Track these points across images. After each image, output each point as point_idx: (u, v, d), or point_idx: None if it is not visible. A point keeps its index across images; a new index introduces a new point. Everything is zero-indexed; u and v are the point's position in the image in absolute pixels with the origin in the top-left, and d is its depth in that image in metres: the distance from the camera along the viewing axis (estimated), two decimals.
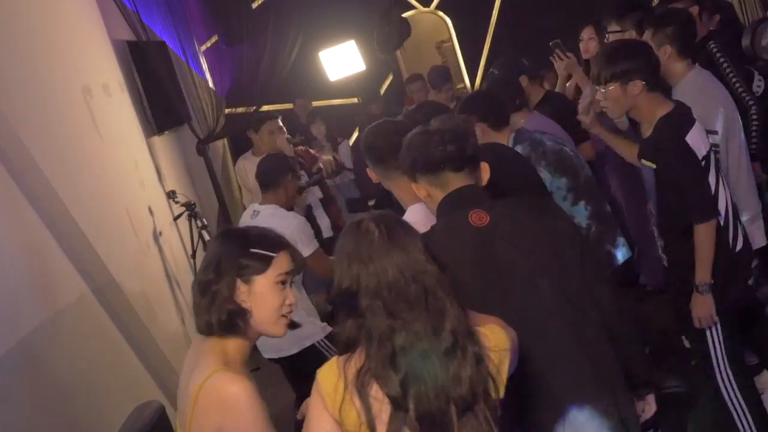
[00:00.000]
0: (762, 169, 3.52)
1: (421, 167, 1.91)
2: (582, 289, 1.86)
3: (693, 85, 2.99)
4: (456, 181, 1.89)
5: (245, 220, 3.70)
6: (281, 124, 5.39)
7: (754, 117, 3.33)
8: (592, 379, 1.82)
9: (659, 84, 2.70)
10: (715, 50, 3.41)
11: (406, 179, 2.06)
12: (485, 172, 1.95)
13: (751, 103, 3.34)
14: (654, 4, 5.25)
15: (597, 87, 2.71)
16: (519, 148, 2.93)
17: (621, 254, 3.14)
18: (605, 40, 3.60)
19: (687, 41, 3.05)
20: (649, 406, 2.07)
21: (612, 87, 2.62)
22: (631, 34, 3.59)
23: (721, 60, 3.40)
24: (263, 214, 3.58)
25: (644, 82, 2.59)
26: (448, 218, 1.89)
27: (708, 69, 3.30)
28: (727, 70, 3.38)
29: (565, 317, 1.83)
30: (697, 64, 3.19)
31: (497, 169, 2.63)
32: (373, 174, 2.43)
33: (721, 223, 2.66)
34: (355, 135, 7.23)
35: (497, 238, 1.82)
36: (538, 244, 1.83)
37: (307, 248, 3.44)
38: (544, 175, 2.94)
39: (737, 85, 3.36)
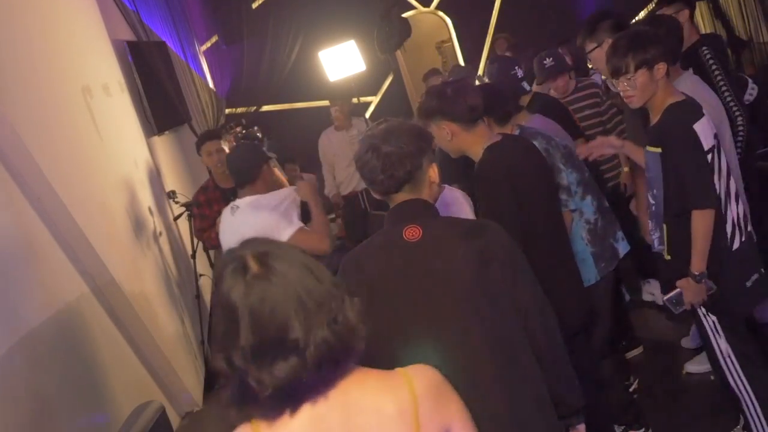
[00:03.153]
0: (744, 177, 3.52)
1: (369, 185, 2.01)
2: (509, 312, 1.89)
3: (683, 88, 3.00)
4: (400, 196, 1.98)
5: (225, 218, 3.40)
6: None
7: (740, 128, 3.34)
8: (508, 410, 1.83)
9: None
10: (708, 56, 3.42)
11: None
12: (434, 173, 2.01)
13: (737, 113, 3.35)
14: (651, 7, 5.26)
15: (619, 78, 2.71)
16: (535, 144, 2.95)
17: (622, 248, 3.18)
18: (587, 60, 3.59)
19: (675, 47, 3.09)
20: None
21: (641, 74, 2.66)
22: (608, 43, 3.59)
23: (713, 67, 3.40)
24: (242, 209, 3.27)
25: (666, 65, 2.65)
26: (388, 230, 1.97)
27: (698, 74, 3.31)
28: (718, 78, 3.38)
29: (484, 337, 1.85)
30: (690, 69, 3.21)
31: (516, 162, 2.66)
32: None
33: (724, 218, 2.68)
34: None
35: (426, 253, 1.88)
36: (461, 264, 1.87)
37: (284, 233, 3.19)
38: (561, 168, 2.97)
39: (726, 93, 3.36)
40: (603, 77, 4.73)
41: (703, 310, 2.75)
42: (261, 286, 1.22)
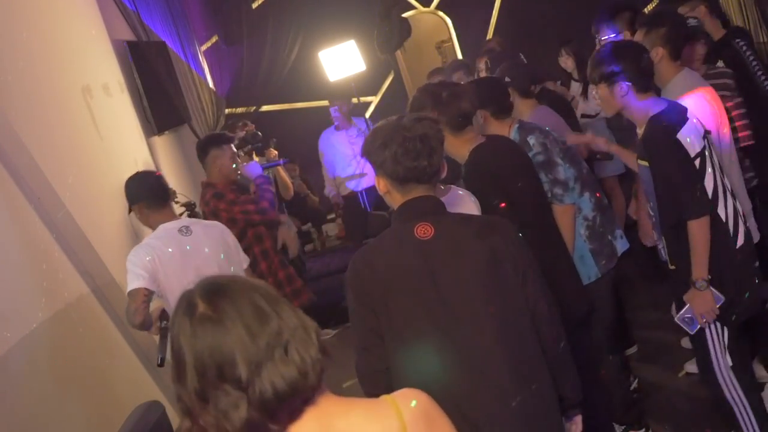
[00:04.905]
0: None
1: (389, 172, 1.94)
2: (520, 309, 1.91)
3: (682, 85, 2.98)
4: (417, 190, 1.94)
5: (176, 239, 3.34)
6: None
7: None
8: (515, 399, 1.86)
9: (650, 86, 2.72)
10: (744, 47, 3.40)
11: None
12: (443, 171, 2.02)
13: None
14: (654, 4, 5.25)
15: (591, 86, 2.80)
16: (531, 138, 2.96)
17: (620, 245, 3.17)
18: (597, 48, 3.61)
19: (679, 43, 3.06)
20: (576, 427, 2.12)
21: (601, 87, 2.70)
22: (625, 35, 3.58)
23: (750, 57, 3.39)
24: (196, 229, 3.38)
25: (631, 84, 2.62)
26: (398, 228, 1.96)
27: (734, 66, 3.29)
28: (756, 67, 3.38)
29: (497, 335, 1.87)
30: (686, 69, 3.20)
31: (502, 163, 2.67)
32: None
33: (723, 219, 2.66)
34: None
35: (436, 251, 1.88)
36: (474, 261, 1.89)
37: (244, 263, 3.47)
38: (558, 162, 2.97)
39: (765, 82, 3.35)
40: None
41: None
42: (205, 327, 1.18)
